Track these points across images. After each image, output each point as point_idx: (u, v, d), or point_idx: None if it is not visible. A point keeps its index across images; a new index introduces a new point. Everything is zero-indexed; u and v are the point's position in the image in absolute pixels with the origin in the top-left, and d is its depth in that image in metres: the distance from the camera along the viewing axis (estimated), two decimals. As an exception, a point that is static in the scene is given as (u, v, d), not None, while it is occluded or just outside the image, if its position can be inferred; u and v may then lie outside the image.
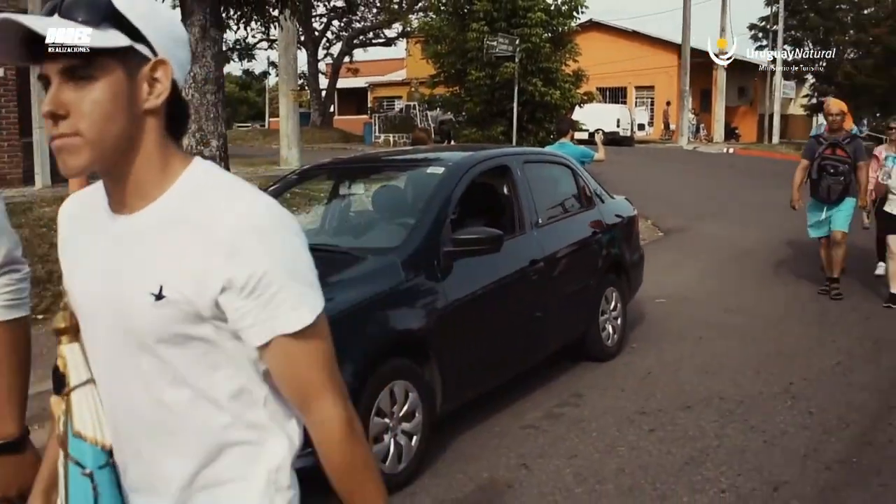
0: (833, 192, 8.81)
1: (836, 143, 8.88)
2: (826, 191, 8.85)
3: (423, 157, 6.47)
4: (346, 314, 4.34)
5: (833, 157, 8.83)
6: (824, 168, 8.85)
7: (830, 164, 8.82)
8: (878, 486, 4.49)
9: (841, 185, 8.78)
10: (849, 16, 49.78)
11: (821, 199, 8.98)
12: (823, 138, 9.10)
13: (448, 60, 21.57)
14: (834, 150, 8.85)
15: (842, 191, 8.81)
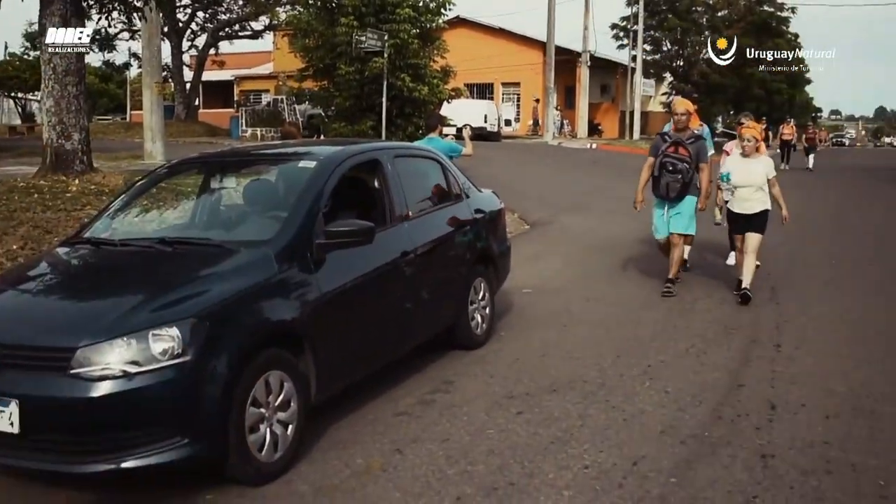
0: (672, 190, 8.97)
1: (679, 141, 9.02)
2: (665, 188, 9.01)
3: (294, 151, 6.51)
4: (220, 306, 4.40)
5: (674, 155, 8.97)
6: (664, 165, 8.99)
7: (670, 161, 8.97)
8: (728, 456, 4.84)
9: (679, 182, 8.93)
10: (704, 17, 51.89)
11: (661, 197, 9.13)
12: (668, 136, 9.24)
13: (317, 55, 21.52)
14: (676, 148, 8.99)
15: (681, 189, 8.96)
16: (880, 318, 8.24)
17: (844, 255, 12.01)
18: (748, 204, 8.82)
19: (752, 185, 8.78)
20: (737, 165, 8.97)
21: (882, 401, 5.81)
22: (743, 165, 8.90)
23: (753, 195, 8.81)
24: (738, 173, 8.88)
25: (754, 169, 8.82)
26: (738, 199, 8.92)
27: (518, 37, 51.18)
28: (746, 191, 8.82)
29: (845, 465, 4.72)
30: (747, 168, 8.84)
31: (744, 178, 8.82)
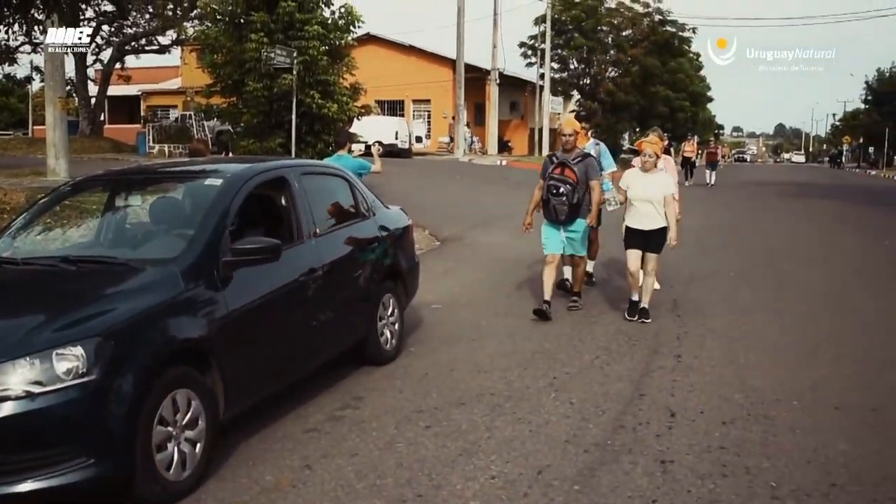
0: (560, 213, 8.74)
1: (564, 162, 8.75)
2: (553, 212, 8.79)
3: (201, 168, 6.50)
4: (125, 325, 4.38)
5: (558, 177, 8.71)
6: (549, 189, 8.75)
7: (554, 184, 8.71)
8: (629, 463, 5.01)
9: (565, 205, 8.67)
10: (609, 37, 53.02)
11: (551, 220, 8.90)
12: (556, 157, 8.98)
13: (225, 71, 21.28)
14: (562, 170, 8.73)
15: (569, 211, 8.71)
16: (774, 328, 8.59)
17: (743, 268, 12.45)
18: (646, 220, 8.63)
19: (649, 201, 8.60)
20: (635, 180, 8.78)
21: (775, 406, 6.07)
22: (641, 180, 8.72)
23: (651, 211, 8.62)
24: (636, 188, 8.70)
25: (653, 184, 8.63)
26: (636, 215, 8.73)
27: (428, 54, 51.59)
28: (644, 206, 8.63)
29: (740, 469, 4.93)
30: (645, 183, 8.66)
31: (641, 194, 8.65)
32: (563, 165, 8.76)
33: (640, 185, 8.69)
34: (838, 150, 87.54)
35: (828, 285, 11.17)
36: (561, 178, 8.70)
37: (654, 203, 8.60)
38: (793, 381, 6.71)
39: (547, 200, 8.81)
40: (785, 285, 11.12)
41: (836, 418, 5.88)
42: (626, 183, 8.84)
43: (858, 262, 13.53)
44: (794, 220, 20.74)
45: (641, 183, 8.71)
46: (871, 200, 27.98)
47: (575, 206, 8.70)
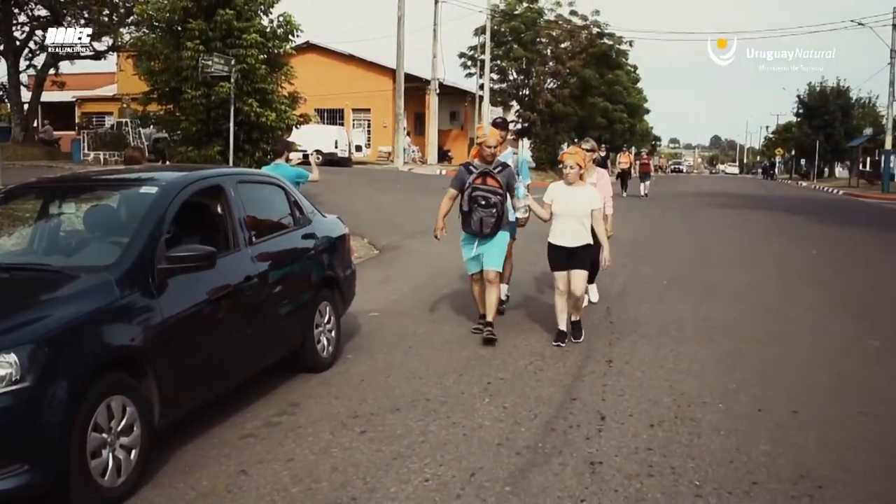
0: (486, 225, 8.16)
1: (487, 172, 8.19)
2: (479, 224, 8.17)
3: (136, 176, 6.50)
4: (60, 332, 4.39)
5: (484, 187, 8.16)
6: (475, 199, 8.15)
7: (482, 194, 8.14)
8: (559, 464, 5.15)
9: (493, 217, 8.14)
10: (548, 48, 53.58)
11: (473, 233, 8.30)
12: (474, 166, 8.32)
13: (162, 78, 21.11)
14: (485, 179, 8.18)
15: (494, 224, 8.17)
16: (702, 334, 8.82)
17: (675, 276, 12.74)
18: (570, 236, 8.02)
19: (574, 216, 8.02)
20: (560, 193, 8.13)
21: (702, 408, 6.28)
22: (566, 194, 8.10)
23: (575, 227, 8.02)
24: (560, 202, 8.07)
25: (578, 198, 8.05)
26: (559, 231, 8.11)
27: (368, 63, 51.69)
28: (568, 221, 8.03)
29: (666, 469, 5.10)
30: (570, 197, 8.06)
31: (565, 208, 8.04)
32: (485, 175, 8.20)
33: (565, 199, 8.08)
34: (771, 162, 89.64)
35: (756, 293, 11.48)
36: (487, 188, 8.17)
37: (580, 218, 8.02)
38: (718, 385, 6.93)
39: (469, 212, 8.21)
40: (715, 293, 11.39)
41: (759, 420, 6.09)
42: (549, 196, 8.20)
43: (786, 270, 13.93)
44: (726, 230, 21.20)
45: (566, 197, 8.09)
46: (801, 211, 28.71)
47: (500, 217, 8.22)
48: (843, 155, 73.05)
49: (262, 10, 21.47)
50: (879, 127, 61.17)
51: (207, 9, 20.54)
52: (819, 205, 34.08)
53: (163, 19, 21.29)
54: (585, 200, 8.06)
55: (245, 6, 20.67)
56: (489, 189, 8.17)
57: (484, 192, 8.17)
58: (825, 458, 5.37)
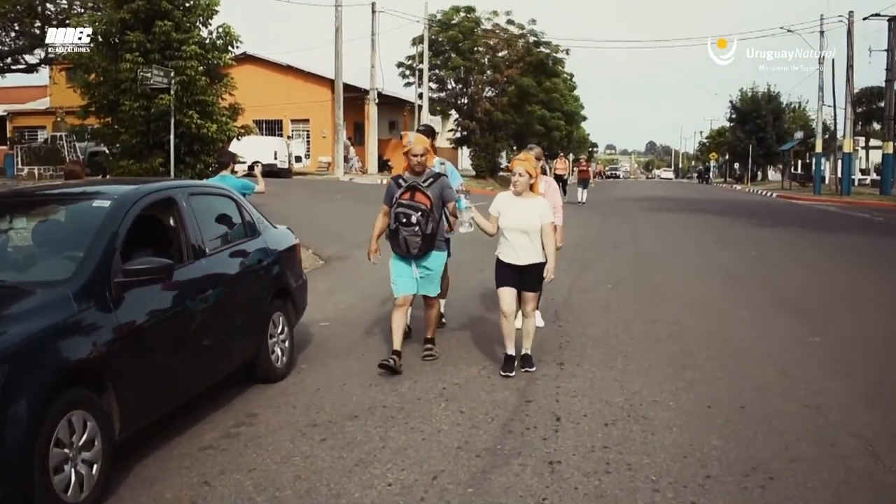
0: (412, 246, 7.40)
1: (415, 185, 7.42)
2: (404, 244, 7.42)
3: (86, 190, 6.47)
4: (19, 347, 4.35)
5: (408, 203, 7.38)
6: (398, 217, 7.37)
7: (404, 211, 7.35)
8: (519, 465, 5.25)
9: (419, 237, 7.35)
10: (486, 57, 53.88)
11: (401, 254, 7.53)
12: (403, 180, 7.54)
13: (100, 91, 20.86)
14: (412, 194, 7.41)
15: (422, 244, 7.41)
16: (649, 334, 9.02)
17: (619, 279, 12.97)
18: (521, 253, 7.30)
19: (524, 231, 7.28)
20: (508, 206, 7.41)
21: (653, 407, 6.44)
22: (515, 206, 7.39)
23: (526, 243, 7.29)
24: (508, 216, 7.36)
25: (528, 211, 7.31)
26: (508, 247, 7.37)
27: (306, 74, 51.54)
28: (518, 238, 7.30)
29: (622, 465, 5.23)
30: (519, 209, 7.33)
31: (514, 222, 7.31)
32: (413, 189, 7.41)
33: (513, 212, 7.35)
34: (706, 167, 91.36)
35: (699, 294, 11.74)
36: (411, 204, 7.37)
37: (530, 233, 7.28)
38: (668, 384, 7.10)
39: (395, 231, 7.40)
40: (658, 294, 11.63)
41: (709, 416, 6.26)
42: (496, 209, 7.44)
43: (726, 272, 14.25)
44: (666, 234, 21.60)
45: (514, 209, 7.36)
46: (736, 213, 29.40)
47: (429, 236, 7.41)
48: (775, 158, 74.97)
49: (200, 21, 21.37)
50: (810, 130, 62.82)
51: (145, 21, 20.39)
52: (753, 207, 34.89)
53: (100, 31, 21.04)
54: (536, 214, 7.29)
55: (183, 18, 20.56)
56: (412, 205, 7.35)
57: (407, 208, 7.36)
58: (774, 450, 5.55)
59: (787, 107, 76.72)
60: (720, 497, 4.82)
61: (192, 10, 21.01)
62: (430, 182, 7.46)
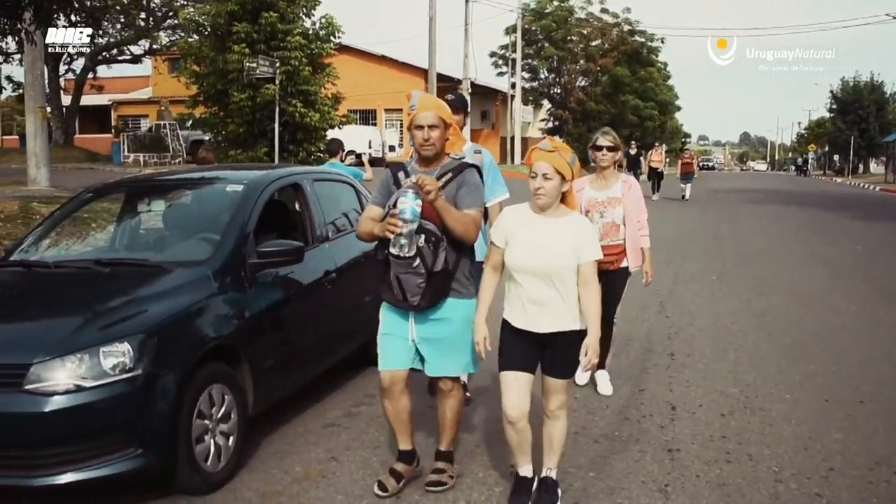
0: (410, 291, 4.39)
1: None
2: (398, 287, 4.41)
3: (219, 175, 6.73)
4: (166, 322, 4.59)
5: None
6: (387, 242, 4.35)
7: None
8: (638, 451, 5.31)
9: (421, 276, 4.33)
10: (579, 46, 53.57)
11: (393, 304, 4.53)
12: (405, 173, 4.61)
13: (208, 81, 21.47)
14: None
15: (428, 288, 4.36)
16: (759, 327, 8.94)
17: (723, 271, 12.84)
18: (539, 313, 4.26)
19: (544, 275, 4.22)
20: (520, 228, 4.31)
21: (769, 399, 6.41)
22: (531, 229, 4.29)
23: (548, 295, 4.23)
24: (519, 245, 4.27)
25: (552, 239, 4.23)
26: (518, 302, 4.31)
27: (401, 64, 51.91)
28: (533, 285, 4.24)
29: (743, 456, 5.24)
30: (538, 236, 4.25)
31: (527, 258, 4.25)
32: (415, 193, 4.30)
33: (529, 242, 4.26)
34: (804, 159, 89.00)
35: (805, 287, 11.56)
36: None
37: (558, 278, 4.21)
38: (782, 376, 7.04)
39: (386, 264, 4.43)
40: (763, 286, 11.48)
41: (827, 409, 6.21)
42: (502, 233, 4.36)
43: (830, 265, 14.00)
44: (766, 226, 21.23)
45: (532, 236, 4.27)
46: (838, 207, 28.65)
47: (440, 275, 4.37)
48: (877, 150, 72.59)
49: (304, 12, 21.78)
50: (916, 122, 60.70)
51: (252, 12, 20.87)
52: (855, 201, 33.94)
53: (209, 23, 21.62)
54: (568, 244, 4.21)
55: (288, 9, 20.98)
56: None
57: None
58: (898, 445, 5.49)
59: (892, 97, 74.16)
60: (845, 490, 4.79)
61: (296, 1, 21.44)
62: (446, 179, 4.46)
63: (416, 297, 4.39)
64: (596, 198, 6.40)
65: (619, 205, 6.36)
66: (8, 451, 4.20)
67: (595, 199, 6.40)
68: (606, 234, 6.23)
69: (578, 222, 4.33)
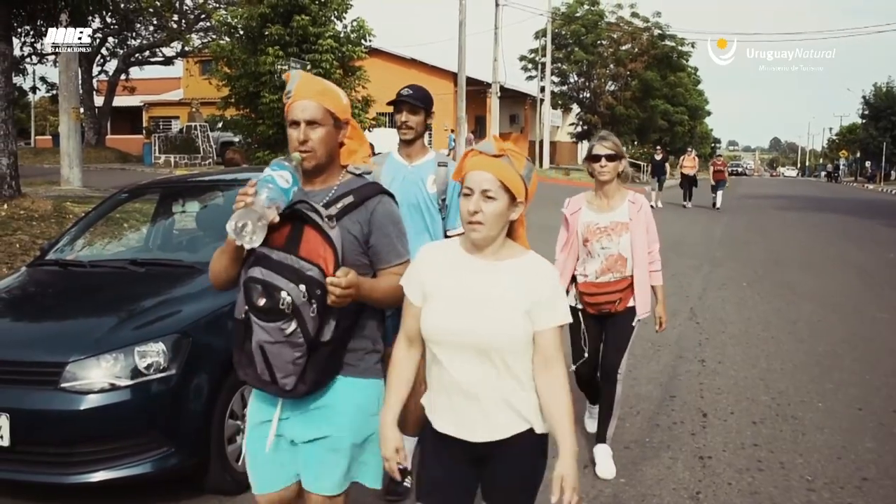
0: (279, 367, 2.80)
1: (300, 213, 2.79)
2: (262, 363, 2.83)
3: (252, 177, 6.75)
4: (200, 323, 4.62)
5: (274, 254, 2.78)
6: (248, 293, 2.78)
7: (258, 279, 2.75)
8: (669, 458, 5.28)
9: (299, 347, 2.74)
10: (609, 51, 53.39)
11: (256, 385, 2.94)
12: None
13: (240, 83, 21.63)
14: (292, 234, 2.80)
15: (308, 367, 2.80)
16: (790, 335, 8.86)
17: (753, 278, 12.73)
18: (473, 410, 2.67)
19: (479, 350, 2.62)
20: (443, 277, 2.71)
21: (801, 407, 6.35)
22: (460, 277, 2.69)
23: (489, 381, 2.64)
24: (441, 304, 2.69)
25: (494, 292, 2.64)
26: (445, 389, 2.71)
27: (429, 67, 51.91)
28: (465, 366, 2.65)
29: (775, 464, 5.20)
30: (473, 287, 2.66)
31: (455, 322, 2.64)
32: (295, 220, 2.82)
33: (456, 297, 2.68)
34: (835, 165, 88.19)
35: (837, 295, 11.45)
36: (282, 261, 2.76)
37: (496, 357, 2.63)
38: (814, 384, 6.98)
39: (246, 326, 2.84)
40: (794, 294, 11.38)
41: (860, 419, 6.14)
42: (415, 283, 2.77)
43: (863, 273, 13.85)
44: (796, 232, 21.05)
45: (461, 287, 2.69)
46: (870, 214, 28.37)
47: (331, 346, 2.81)
48: (911, 157, 71.82)
49: (335, 15, 21.89)
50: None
51: (284, 15, 20.99)
52: (889, 208, 33.56)
53: (243, 26, 21.78)
54: (517, 300, 2.64)
55: (320, 12, 21.10)
56: (282, 265, 2.75)
57: (264, 271, 2.76)
58: (933, 456, 5.43)
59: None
60: (878, 500, 4.74)
61: (327, 4, 21.55)
62: (343, 203, 2.89)
63: (290, 378, 2.78)
64: (596, 223, 4.96)
65: (626, 231, 4.92)
66: (43, 449, 4.25)
67: (595, 224, 4.96)
68: (609, 269, 4.93)
69: (535, 267, 2.66)
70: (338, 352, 2.86)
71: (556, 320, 2.65)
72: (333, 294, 2.66)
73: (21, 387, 4.28)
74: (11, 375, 4.30)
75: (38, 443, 4.23)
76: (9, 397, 4.23)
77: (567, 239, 5.06)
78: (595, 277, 4.95)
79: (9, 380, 4.30)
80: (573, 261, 5.04)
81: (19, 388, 4.28)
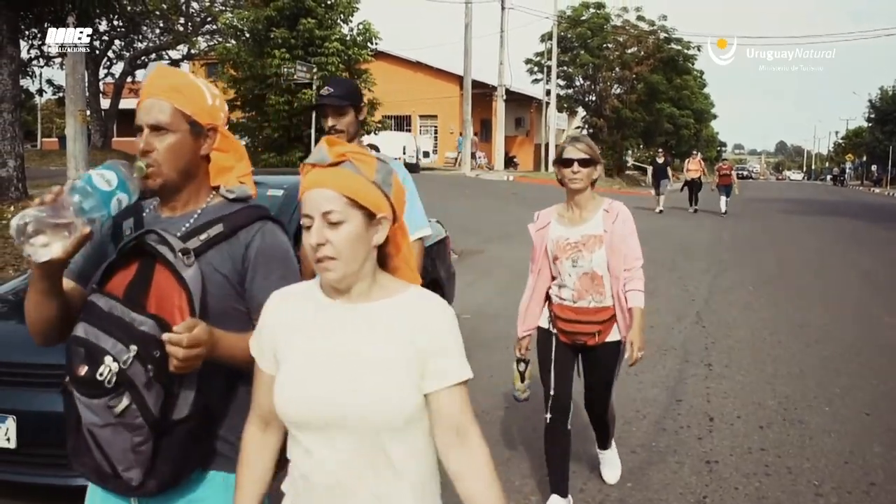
0: (119, 460, 2.06)
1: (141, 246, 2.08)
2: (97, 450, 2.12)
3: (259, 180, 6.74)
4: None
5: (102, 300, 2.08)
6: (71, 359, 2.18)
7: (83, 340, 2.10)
8: (676, 462, 5.26)
9: (138, 429, 2.00)
10: (615, 54, 53.35)
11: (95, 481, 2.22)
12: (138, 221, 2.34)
13: (246, 86, 21.66)
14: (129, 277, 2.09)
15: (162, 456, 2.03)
16: (796, 339, 8.84)
17: (759, 282, 12.72)
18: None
19: (347, 429, 1.82)
20: (299, 330, 1.91)
21: (808, 411, 6.34)
22: (322, 330, 1.89)
23: (365, 473, 1.83)
24: (295, 368, 1.88)
25: (362, 347, 1.85)
26: (308, 485, 1.87)
27: (435, 70, 51.98)
28: (329, 452, 1.84)
29: (782, 469, 5.18)
30: (335, 340, 1.87)
31: (313, 390, 1.84)
32: (130, 257, 2.10)
33: (313, 355, 1.88)
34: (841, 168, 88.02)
35: (844, 299, 11.42)
36: (111, 314, 2.04)
37: (370, 437, 1.83)
38: (821, 389, 6.96)
39: (68, 404, 2.23)
40: (801, 298, 11.36)
41: (867, 423, 6.13)
42: (265, 343, 1.97)
43: (870, 277, 13.81)
44: (803, 236, 20.99)
45: (321, 340, 1.89)
46: (877, 218, 28.29)
47: (187, 428, 2.05)
48: (918, 161, 71.63)
49: (341, 18, 21.92)
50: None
51: (290, 18, 21.02)
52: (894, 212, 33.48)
53: (249, 29, 21.82)
54: (396, 355, 1.86)
55: (326, 15, 21.13)
56: (111, 319, 2.04)
57: (91, 328, 2.08)
58: (941, 461, 5.41)
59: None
60: (887, 505, 4.74)
61: (333, 7, 21.59)
62: (209, 234, 2.16)
63: (134, 471, 2.06)
64: (566, 238, 4.31)
65: (600, 246, 4.24)
66: (49, 451, 4.24)
67: (565, 239, 4.32)
68: (584, 293, 4.28)
69: (421, 306, 1.93)
70: (203, 433, 2.12)
71: (454, 376, 1.94)
72: (175, 356, 1.92)
73: (28, 389, 4.28)
74: (18, 377, 4.31)
75: (44, 445, 4.23)
76: (16, 399, 4.23)
77: (535, 257, 4.45)
78: (573, 301, 4.29)
79: (16, 382, 4.30)
80: (545, 283, 4.41)
81: (26, 391, 4.27)
